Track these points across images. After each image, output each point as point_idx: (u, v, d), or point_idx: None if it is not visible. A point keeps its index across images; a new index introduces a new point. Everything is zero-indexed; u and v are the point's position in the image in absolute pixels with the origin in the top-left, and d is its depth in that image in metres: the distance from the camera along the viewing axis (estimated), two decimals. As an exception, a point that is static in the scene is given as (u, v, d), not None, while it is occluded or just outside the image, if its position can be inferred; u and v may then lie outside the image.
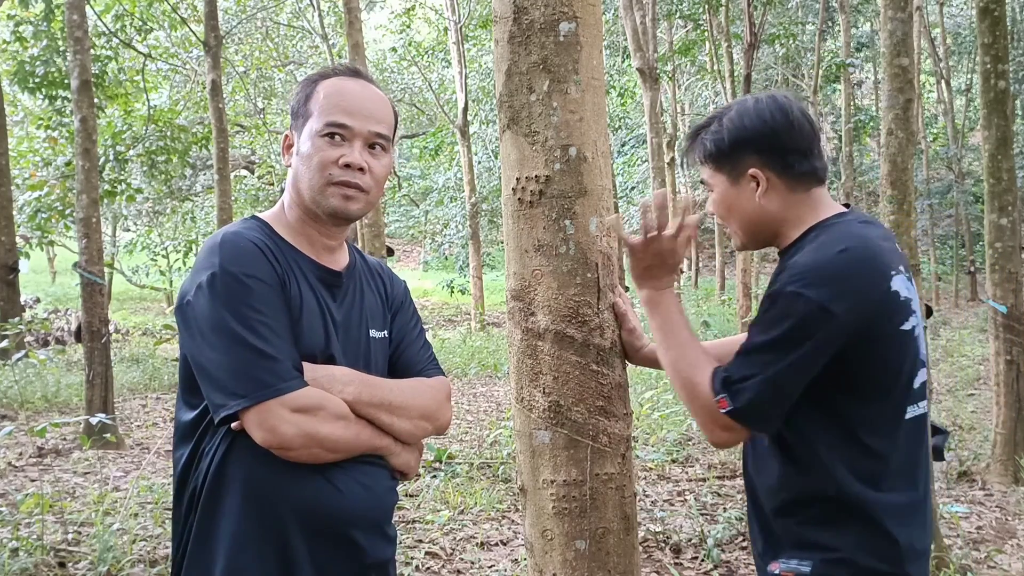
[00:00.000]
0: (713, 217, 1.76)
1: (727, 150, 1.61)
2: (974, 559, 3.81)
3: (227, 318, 1.38)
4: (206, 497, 1.44)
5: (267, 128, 18.44)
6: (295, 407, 1.39)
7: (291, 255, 1.53)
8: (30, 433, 4.78)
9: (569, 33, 1.68)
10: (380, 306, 1.69)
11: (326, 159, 1.52)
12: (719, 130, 1.62)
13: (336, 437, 1.44)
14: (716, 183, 1.66)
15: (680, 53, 17.32)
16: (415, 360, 1.69)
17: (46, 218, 11.04)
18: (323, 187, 1.53)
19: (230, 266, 1.41)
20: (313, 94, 1.57)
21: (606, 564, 1.68)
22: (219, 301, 1.39)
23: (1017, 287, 5.12)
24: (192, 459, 1.48)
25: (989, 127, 5.23)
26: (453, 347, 12.35)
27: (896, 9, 4.53)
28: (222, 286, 1.40)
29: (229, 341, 1.38)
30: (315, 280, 1.55)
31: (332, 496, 1.46)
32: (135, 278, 20.09)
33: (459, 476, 5.15)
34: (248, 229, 1.52)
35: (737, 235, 1.69)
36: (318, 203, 1.54)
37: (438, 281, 22.84)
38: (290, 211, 1.60)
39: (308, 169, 1.53)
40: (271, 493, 1.43)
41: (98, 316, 6.09)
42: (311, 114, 1.55)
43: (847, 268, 1.46)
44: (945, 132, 24.83)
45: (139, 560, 3.53)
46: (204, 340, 1.40)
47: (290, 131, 1.61)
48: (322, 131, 1.52)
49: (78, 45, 6.15)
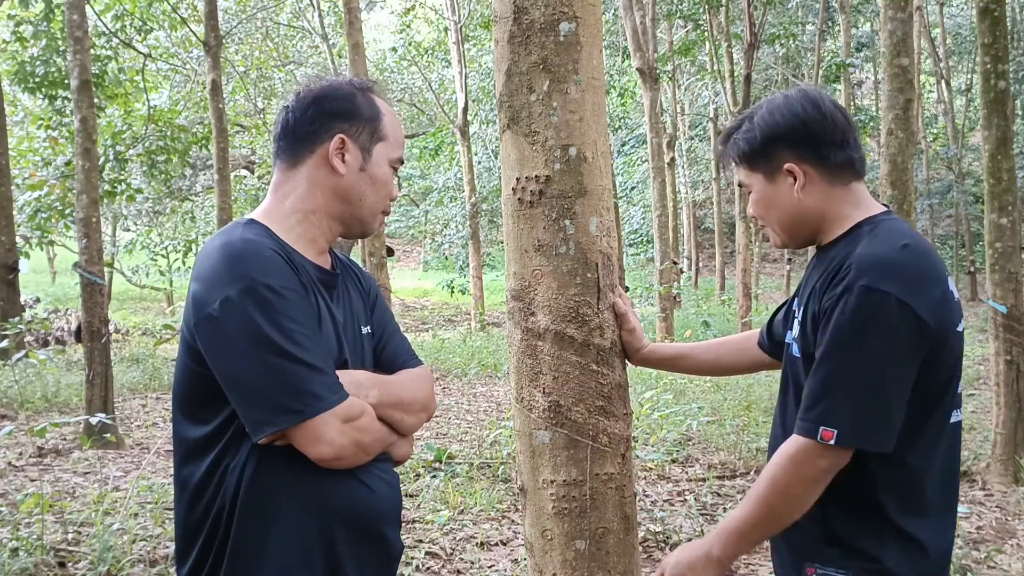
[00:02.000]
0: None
1: (760, 147, 1.59)
2: (974, 559, 3.81)
3: (270, 332, 1.34)
4: (243, 513, 1.40)
5: (267, 128, 18.43)
6: (345, 417, 1.40)
7: (297, 260, 1.50)
8: (30, 433, 4.78)
9: (569, 33, 1.68)
10: (362, 302, 1.68)
11: (391, 192, 1.62)
12: (751, 128, 1.61)
13: (374, 440, 1.47)
14: (753, 182, 1.63)
15: (680, 53, 17.32)
16: (397, 352, 1.70)
17: (46, 218, 11.05)
18: (379, 212, 1.61)
19: (264, 278, 1.37)
20: (381, 114, 1.58)
21: (606, 564, 1.68)
22: (259, 314, 1.35)
23: (1017, 287, 5.12)
24: (210, 476, 1.43)
25: (989, 127, 5.23)
26: (453, 347, 12.34)
27: (896, 9, 4.53)
28: (260, 299, 1.35)
29: (275, 355, 1.34)
30: (318, 283, 1.54)
31: (367, 496, 1.49)
32: (135, 278, 20.09)
33: (459, 476, 5.15)
34: (259, 236, 1.46)
35: (777, 233, 1.66)
36: (366, 223, 1.61)
37: (438, 281, 22.85)
38: (302, 213, 1.55)
39: (375, 192, 1.58)
40: (313, 501, 1.43)
41: (98, 316, 6.09)
42: (384, 137, 1.57)
43: (916, 263, 1.44)
44: (945, 132, 24.83)
45: (139, 560, 3.53)
46: (243, 355, 1.35)
47: (346, 136, 1.54)
48: (394, 163, 1.60)
49: (78, 45, 6.15)
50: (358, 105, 1.56)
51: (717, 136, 21.42)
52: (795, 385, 1.59)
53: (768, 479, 1.47)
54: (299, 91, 1.59)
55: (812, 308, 1.52)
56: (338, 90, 1.58)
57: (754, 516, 1.48)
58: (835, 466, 1.44)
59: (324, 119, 1.55)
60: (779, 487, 1.46)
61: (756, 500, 1.48)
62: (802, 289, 1.66)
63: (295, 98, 1.58)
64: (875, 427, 1.40)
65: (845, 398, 1.41)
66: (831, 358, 1.43)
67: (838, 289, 1.44)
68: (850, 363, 1.41)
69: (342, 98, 1.57)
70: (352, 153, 1.55)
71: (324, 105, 1.56)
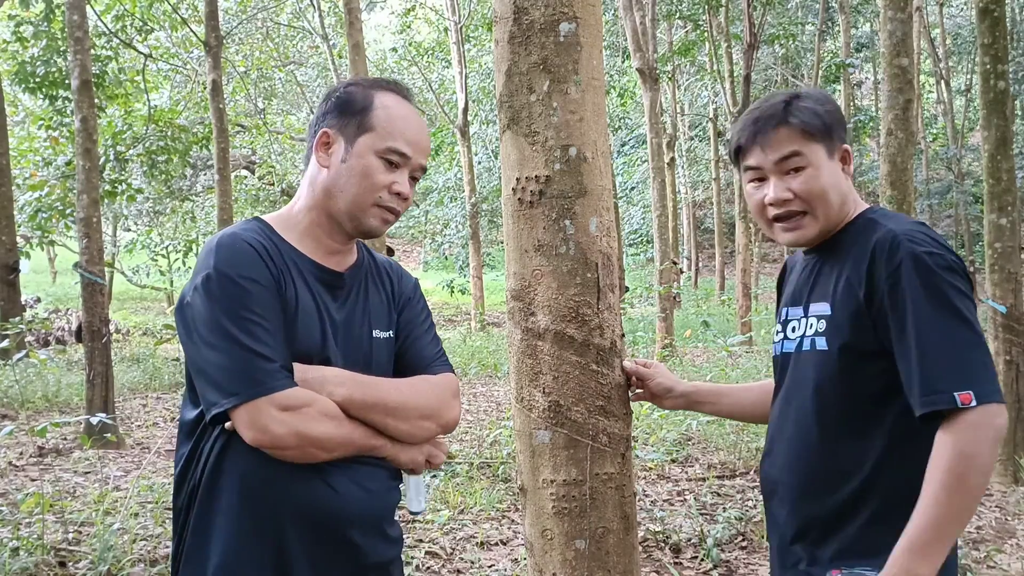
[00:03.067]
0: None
1: (827, 124, 1.58)
2: (973, 559, 3.81)
3: (221, 318, 1.39)
4: (203, 494, 1.47)
5: (267, 128, 18.45)
6: (283, 406, 1.39)
7: (290, 256, 1.53)
8: (31, 433, 4.79)
9: (569, 33, 1.68)
10: (386, 305, 1.67)
11: (380, 182, 1.54)
12: (813, 106, 1.59)
13: (328, 436, 1.44)
14: (811, 154, 1.57)
15: (680, 53, 17.32)
16: (422, 356, 1.66)
17: (47, 218, 11.05)
18: (368, 206, 1.55)
19: (225, 268, 1.42)
20: (372, 107, 1.56)
21: (606, 564, 1.69)
22: (214, 302, 1.41)
23: (1017, 287, 5.12)
24: (192, 457, 1.50)
25: (989, 127, 5.23)
26: (453, 347, 12.35)
27: (896, 9, 4.54)
28: (217, 287, 1.41)
29: (223, 340, 1.39)
30: (314, 281, 1.55)
31: (328, 497, 1.47)
32: (135, 278, 20.11)
33: (459, 476, 5.15)
34: (246, 230, 1.51)
35: (816, 219, 1.59)
36: (355, 218, 1.55)
37: (438, 281, 22.84)
38: (304, 212, 1.58)
39: (356, 184, 1.54)
40: (266, 492, 1.44)
41: (98, 316, 6.09)
42: (370, 128, 1.54)
43: (937, 235, 1.51)
44: (945, 132, 24.84)
45: (139, 560, 3.53)
46: (200, 340, 1.41)
47: (332, 131, 1.56)
48: (382, 153, 1.54)
49: (78, 45, 6.15)
50: (351, 98, 1.57)
51: (717, 136, 21.49)
52: (818, 382, 1.54)
53: (942, 473, 1.36)
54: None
55: (853, 296, 1.49)
56: (341, 87, 1.61)
57: (940, 516, 1.36)
58: (989, 423, 1.36)
59: (322, 117, 1.59)
60: (958, 474, 1.36)
61: (935, 499, 1.36)
62: (803, 290, 1.64)
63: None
64: (994, 376, 1.40)
65: (960, 359, 1.39)
66: (929, 328, 1.40)
67: (893, 265, 1.43)
68: (946, 325, 1.40)
69: (339, 94, 1.59)
70: (336, 147, 1.56)
71: (326, 103, 1.60)
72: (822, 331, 1.55)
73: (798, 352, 1.61)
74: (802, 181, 1.57)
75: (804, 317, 1.60)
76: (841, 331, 1.51)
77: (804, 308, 1.61)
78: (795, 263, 1.77)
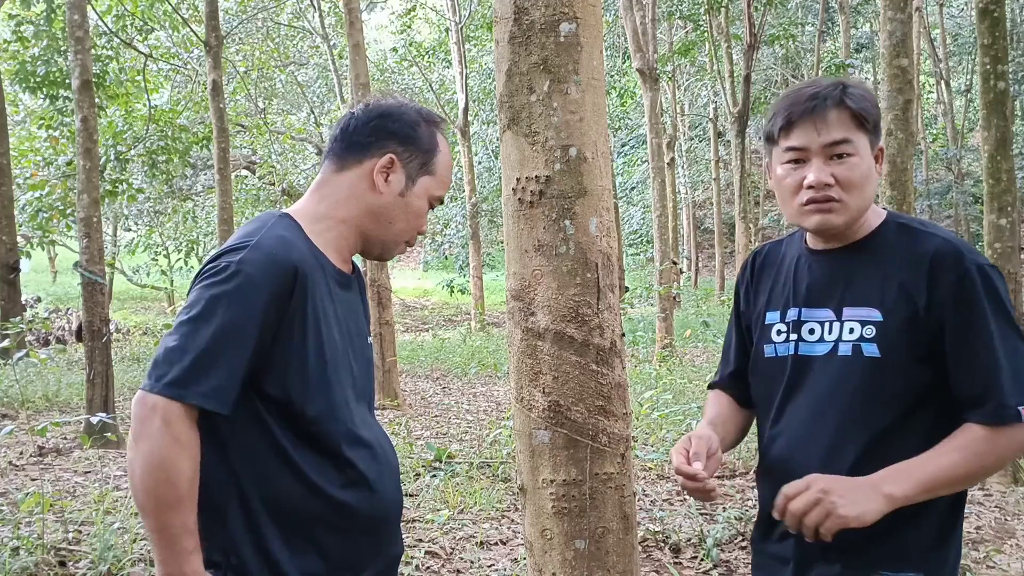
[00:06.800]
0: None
1: (877, 119, 1.55)
2: (973, 559, 3.82)
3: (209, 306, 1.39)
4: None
5: (268, 128, 18.45)
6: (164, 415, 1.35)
7: (319, 260, 1.52)
8: (31, 432, 4.79)
9: (569, 33, 1.68)
10: (366, 311, 1.70)
11: (421, 225, 1.62)
12: (868, 96, 1.54)
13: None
14: (859, 143, 1.52)
15: (680, 54, 17.33)
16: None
17: (47, 218, 11.06)
18: (402, 241, 1.61)
19: (257, 274, 1.40)
20: (437, 150, 1.59)
21: (605, 563, 1.69)
22: (216, 290, 1.39)
23: (1017, 287, 5.13)
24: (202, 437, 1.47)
25: (988, 128, 5.24)
26: (453, 347, 12.35)
27: (896, 10, 4.54)
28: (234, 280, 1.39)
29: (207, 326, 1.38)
30: (335, 286, 1.55)
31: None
32: (136, 278, 20.12)
33: (459, 475, 5.15)
34: (294, 236, 1.49)
35: (849, 209, 1.52)
36: (388, 248, 1.61)
37: (438, 281, 22.87)
38: (336, 222, 1.57)
39: (405, 221, 1.59)
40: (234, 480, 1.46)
41: (99, 315, 6.10)
42: (432, 172, 1.59)
43: None
44: (945, 133, 24.84)
45: (139, 559, 3.53)
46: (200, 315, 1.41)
47: (396, 158, 1.56)
48: (434, 200, 1.61)
49: (79, 45, 6.15)
50: (420, 134, 1.58)
51: (717, 137, 21.49)
52: (867, 389, 1.49)
53: (969, 455, 1.43)
54: (370, 101, 1.62)
55: (910, 303, 1.48)
56: (405, 114, 1.59)
57: (948, 476, 1.42)
58: None
59: (382, 135, 1.57)
60: (982, 464, 1.45)
61: (951, 466, 1.42)
62: (827, 291, 1.57)
63: (363, 107, 1.61)
64: None
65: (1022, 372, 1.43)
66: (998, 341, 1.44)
67: (958, 275, 1.45)
68: (1011, 339, 1.44)
69: (406, 122, 1.58)
70: (397, 176, 1.56)
71: (387, 122, 1.58)
72: (870, 337, 1.49)
73: (830, 356, 1.53)
74: (846, 168, 1.50)
75: (836, 320, 1.53)
76: (896, 338, 1.47)
77: (835, 311, 1.54)
78: (775, 260, 1.70)
